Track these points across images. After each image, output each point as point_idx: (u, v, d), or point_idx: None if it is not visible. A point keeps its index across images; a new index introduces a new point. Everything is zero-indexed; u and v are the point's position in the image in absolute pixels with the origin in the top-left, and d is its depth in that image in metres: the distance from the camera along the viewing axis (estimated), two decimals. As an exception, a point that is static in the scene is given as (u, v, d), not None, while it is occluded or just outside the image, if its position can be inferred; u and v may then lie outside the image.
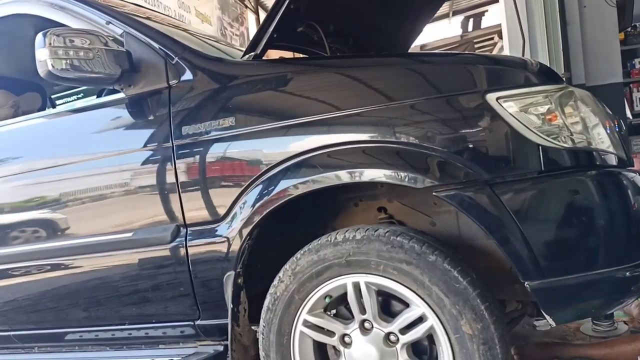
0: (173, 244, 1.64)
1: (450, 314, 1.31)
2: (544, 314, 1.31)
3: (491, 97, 1.31)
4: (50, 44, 1.52)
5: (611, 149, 1.37)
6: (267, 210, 1.50)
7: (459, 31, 9.72)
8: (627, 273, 1.27)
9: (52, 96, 3.21)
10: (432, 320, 1.35)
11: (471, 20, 9.52)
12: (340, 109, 1.45)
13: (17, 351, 2.10)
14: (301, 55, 2.22)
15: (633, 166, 1.49)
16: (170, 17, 2.81)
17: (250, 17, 7.62)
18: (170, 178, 1.63)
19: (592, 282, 1.26)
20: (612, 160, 1.37)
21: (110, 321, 1.82)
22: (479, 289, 1.31)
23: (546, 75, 1.39)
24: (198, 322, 1.69)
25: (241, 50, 1.95)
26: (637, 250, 1.29)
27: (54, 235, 1.85)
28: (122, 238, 1.71)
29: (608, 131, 1.38)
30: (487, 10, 9.24)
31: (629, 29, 5.88)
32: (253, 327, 1.63)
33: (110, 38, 1.67)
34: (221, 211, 1.58)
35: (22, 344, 2.07)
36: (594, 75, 4.82)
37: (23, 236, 1.91)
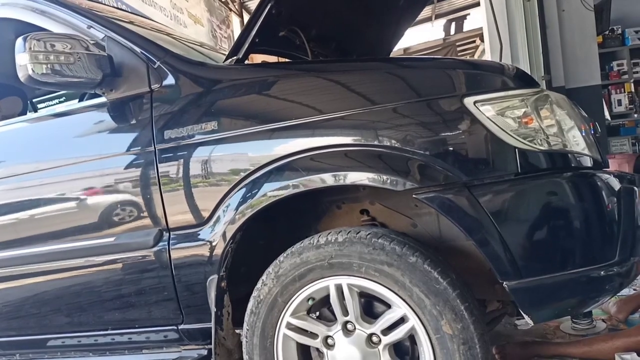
0: (156, 248, 1.64)
1: (430, 314, 1.33)
2: (523, 313, 1.34)
3: (469, 101, 1.34)
4: (30, 48, 1.51)
5: (586, 151, 1.39)
6: (251, 214, 1.51)
7: (442, 34, 9.81)
8: (602, 272, 1.29)
9: (34, 100, 3.18)
10: (413, 321, 1.36)
11: (453, 23, 9.61)
12: (323, 113, 1.46)
13: (-2, 358, 2.08)
14: (284, 60, 2.23)
15: (607, 167, 1.53)
16: (156, 21, 2.80)
17: (235, 20, 7.61)
18: (152, 182, 1.63)
19: (569, 281, 1.29)
20: (587, 162, 1.40)
21: (93, 327, 1.81)
22: (458, 289, 1.33)
23: (522, 79, 1.41)
24: (181, 326, 1.68)
25: (225, 54, 1.96)
26: (611, 249, 1.31)
27: (35, 240, 1.83)
28: (105, 243, 1.70)
29: (583, 134, 1.41)
30: (469, 14, 9.33)
31: (607, 32, 6.00)
32: (237, 331, 1.63)
33: (92, 42, 1.67)
34: (204, 215, 1.58)
35: (3, 351, 2.04)
36: (573, 77, 4.92)
37: (4, 241, 1.89)
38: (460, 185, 1.32)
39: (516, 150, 1.31)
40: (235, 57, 1.63)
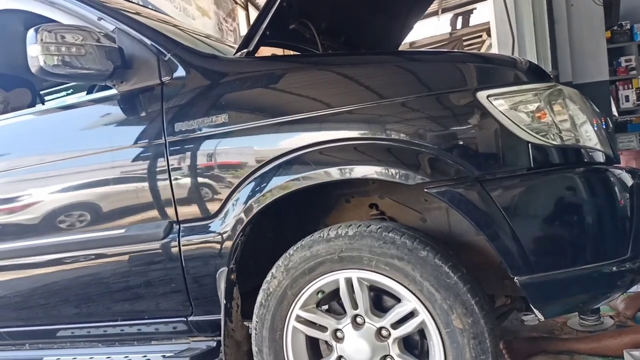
0: (166, 240, 1.64)
1: (441, 308, 1.33)
2: (533, 309, 1.33)
3: (482, 95, 1.33)
4: (42, 39, 1.51)
5: (598, 147, 1.39)
6: (260, 207, 1.51)
7: (448, 29, 9.77)
8: (614, 268, 1.29)
9: (41, 92, 3.19)
10: (423, 315, 1.36)
11: (460, 18, 9.57)
12: (332, 106, 1.46)
13: (8, 348, 2.09)
14: (293, 53, 2.23)
15: (619, 163, 1.52)
16: (163, 12, 2.80)
17: (241, 14, 7.60)
18: (162, 175, 1.63)
19: (580, 276, 1.29)
20: (600, 157, 1.39)
21: (103, 317, 1.82)
22: (469, 284, 1.33)
23: (535, 73, 1.41)
24: (191, 318, 1.69)
25: (233, 47, 1.95)
26: (624, 245, 1.31)
27: (45, 231, 1.84)
28: (115, 234, 1.71)
29: (595, 129, 1.41)
30: (475, 8, 9.29)
31: (615, 28, 5.96)
32: (246, 323, 1.64)
33: (102, 34, 1.67)
34: (214, 208, 1.58)
35: (13, 341, 2.06)
36: (581, 73, 4.88)
37: (14, 233, 1.90)
38: (472, 180, 1.32)
39: (529, 144, 1.30)
40: (245, 50, 1.63)
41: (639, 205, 1.36)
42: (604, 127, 1.52)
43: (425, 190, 1.36)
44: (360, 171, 1.42)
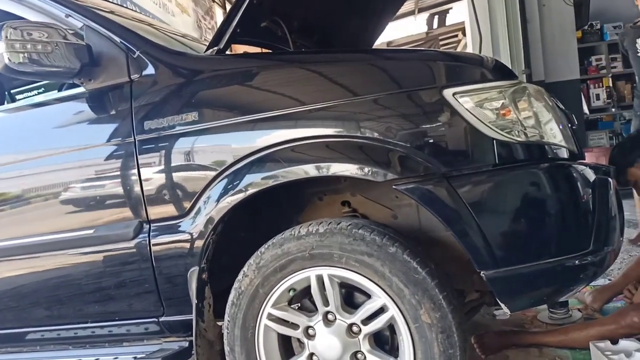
0: (136, 240, 1.62)
1: (409, 304, 1.34)
2: (499, 303, 1.36)
3: (448, 93, 1.35)
4: (6, 37, 1.48)
5: (563, 143, 1.41)
6: (232, 205, 1.50)
7: (425, 28, 9.85)
8: (577, 261, 1.32)
9: (12, 91, 3.12)
10: (392, 311, 1.37)
11: (436, 17, 9.66)
12: (304, 104, 1.46)
13: (-24, 352, 2.05)
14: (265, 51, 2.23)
15: (584, 159, 1.56)
16: (134, 10, 2.77)
17: (218, 12, 7.55)
18: (132, 173, 1.61)
19: (544, 270, 1.31)
20: (564, 153, 1.41)
21: (73, 320, 1.80)
22: (437, 279, 1.34)
23: (501, 71, 1.43)
24: (162, 318, 1.68)
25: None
26: (586, 239, 1.34)
27: (13, 233, 1.81)
28: (84, 235, 1.68)
29: (560, 126, 1.44)
30: (451, 8, 9.38)
31: (586, 28, 6.09)
32: (218, 323, 1.63)
33: (70, 31, 1.64)
34: (185, 206, 1.57)
35: (-20, 345, 2.02)
36: (553, 72, 4.99)
37: (-20, 234, 1.86)
38: (439, 176, 1.33)
39: (494, 141, 1.32)
40: (216, 48, 1.62)
41: (601, 200, 1.39)
42: (569, 124, 1.55)
43: (394, 186, 1.37)
44: (333, 169, 1.43)
